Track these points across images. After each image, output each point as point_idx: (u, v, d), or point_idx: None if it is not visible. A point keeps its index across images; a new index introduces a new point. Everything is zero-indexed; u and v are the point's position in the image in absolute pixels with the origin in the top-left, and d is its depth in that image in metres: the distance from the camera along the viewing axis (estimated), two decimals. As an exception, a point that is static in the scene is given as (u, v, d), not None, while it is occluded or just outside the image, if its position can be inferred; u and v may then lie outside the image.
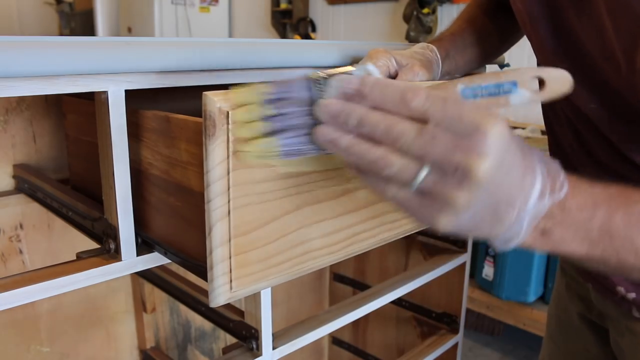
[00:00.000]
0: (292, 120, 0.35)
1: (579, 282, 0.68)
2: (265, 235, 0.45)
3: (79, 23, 3.76)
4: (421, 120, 0.32)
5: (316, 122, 0.35)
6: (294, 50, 0.58)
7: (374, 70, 0.49)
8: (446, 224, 0.33)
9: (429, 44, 0.62)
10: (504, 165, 0.31)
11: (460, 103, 0.32)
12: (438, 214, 0.33)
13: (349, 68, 0.44)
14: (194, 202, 0.48)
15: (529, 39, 0.58)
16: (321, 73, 0.36)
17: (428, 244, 1.09)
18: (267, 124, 0.35)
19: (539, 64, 0.59)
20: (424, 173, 0.32)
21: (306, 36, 3.41)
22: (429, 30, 2.70)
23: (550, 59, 0.54)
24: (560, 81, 0.40)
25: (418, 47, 0.60)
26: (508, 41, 0.74)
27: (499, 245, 0.36)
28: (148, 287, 0.99)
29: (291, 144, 0.35)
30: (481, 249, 2.09)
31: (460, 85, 0.39)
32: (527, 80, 0.39)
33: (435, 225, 0.33)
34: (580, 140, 0.57)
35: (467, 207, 0.32)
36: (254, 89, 0.35)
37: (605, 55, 0.46)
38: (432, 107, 0.32)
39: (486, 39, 0.70)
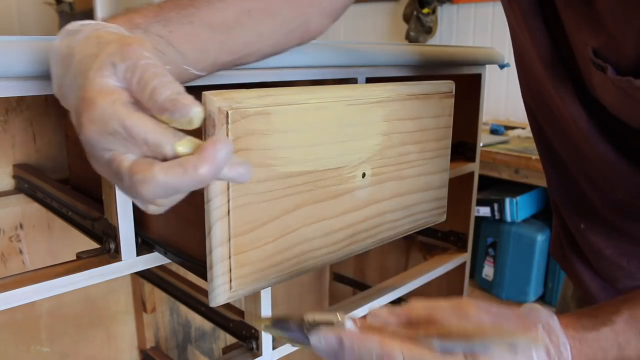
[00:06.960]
0: (292, 335, 0.41)
1: None
2: (265, 234, 0.45)
3: (79, 23, 3.75)
4: None
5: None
6: (293, 50, 0.58)
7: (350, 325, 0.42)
8: None
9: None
10: None
11: None
12: None
13: (334, 317, 0.41)
14: (193, 201, 0.48)
15: (517, 42, 0.55)
16: (313, 317, 0.39)
17: (428, 244, 1.09)
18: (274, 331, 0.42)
19: (523, 71, 0.58)
20: None
21: (306, 36, 3.40)
22: (429, 31, 2.70)
23: (542, 70, 0.51)
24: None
25: None
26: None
27: None
28: (148, 287, 0.99)
29: (292, 338, 0.41)
30: (481, 249, 2.09)
31: (435, 341, 0.37)
32: (504, 345, 0.35)
33: None
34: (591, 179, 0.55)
35: None
36: (263, 322, 0.42)
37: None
38: None
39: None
